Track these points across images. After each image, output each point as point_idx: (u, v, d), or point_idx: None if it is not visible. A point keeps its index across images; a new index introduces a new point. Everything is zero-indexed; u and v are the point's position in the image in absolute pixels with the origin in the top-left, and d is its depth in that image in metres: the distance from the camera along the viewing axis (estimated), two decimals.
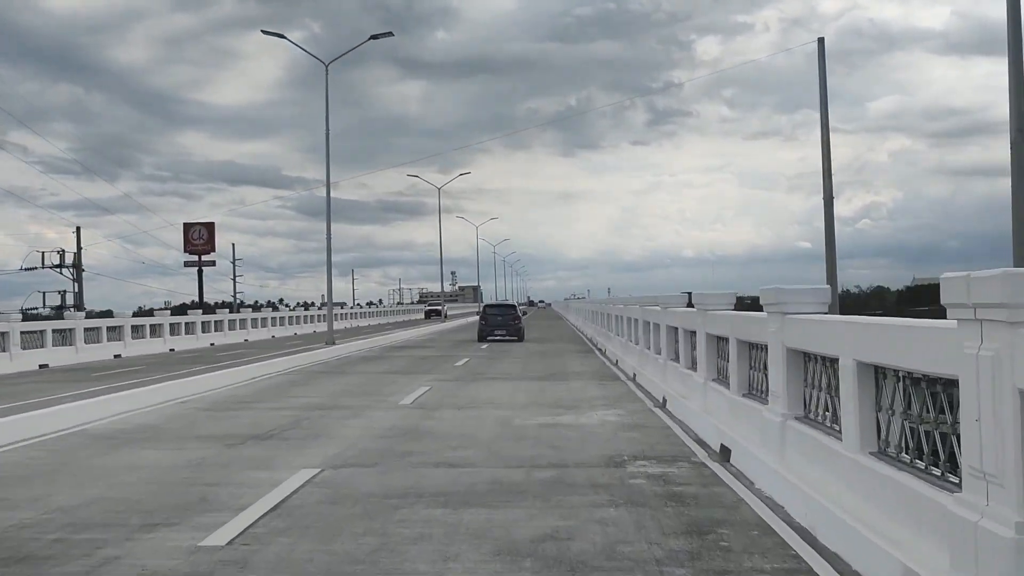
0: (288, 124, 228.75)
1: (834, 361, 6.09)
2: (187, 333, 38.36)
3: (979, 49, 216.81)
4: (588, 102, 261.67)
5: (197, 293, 66.69)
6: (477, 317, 43.18)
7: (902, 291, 75.66)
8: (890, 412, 5.27)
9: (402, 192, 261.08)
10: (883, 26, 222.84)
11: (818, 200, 25.52)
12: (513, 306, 41.38)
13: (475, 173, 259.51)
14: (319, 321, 55.57)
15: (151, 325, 35.65)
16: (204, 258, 66.59)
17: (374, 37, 30.94)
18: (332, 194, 31.20)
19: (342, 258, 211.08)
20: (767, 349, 7.64)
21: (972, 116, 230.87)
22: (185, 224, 66.65)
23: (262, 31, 33.18)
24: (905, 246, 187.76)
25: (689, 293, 12.78)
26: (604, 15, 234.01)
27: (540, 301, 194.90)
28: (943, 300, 4.18)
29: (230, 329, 43.85)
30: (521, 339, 35.33)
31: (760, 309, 7.96)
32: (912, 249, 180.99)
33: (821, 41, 24.16)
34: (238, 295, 77.29)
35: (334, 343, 29.85)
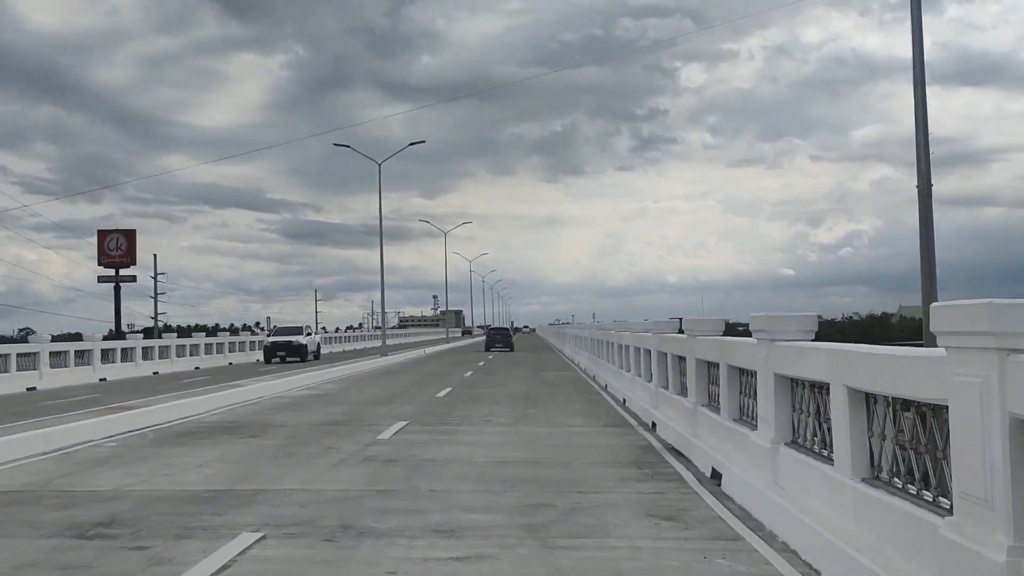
0: (272, 147, 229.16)
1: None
2: (124, 360, 33.36)
3: (961, 79, 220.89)
4: (573, 128, 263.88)
5: (114, 316, 54.39)
6: (424, 353, 49.00)
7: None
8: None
9: (386, 216, 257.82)
10: (865, 56, 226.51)
11: (800, 227, 25.79)
12: (507, 329, 66.60)
13: (460, 197, 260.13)
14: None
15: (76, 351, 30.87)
16: (123, 272, 54.76)
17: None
18: (315, 217, 32.11)
19: (325, 281, 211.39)
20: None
21: (954, 145, 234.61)
22: (100, 232, 54.63)
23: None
24: (886, 274, 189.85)
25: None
26: (590, 41, 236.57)
27: (525, 326, 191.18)
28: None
29: (160, 358, 36.79)
30: (512, 349, 53.57)
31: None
32: (893, 277, 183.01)
33: None
34: (159, 316, 64.77)
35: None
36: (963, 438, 4.04)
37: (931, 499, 4.62)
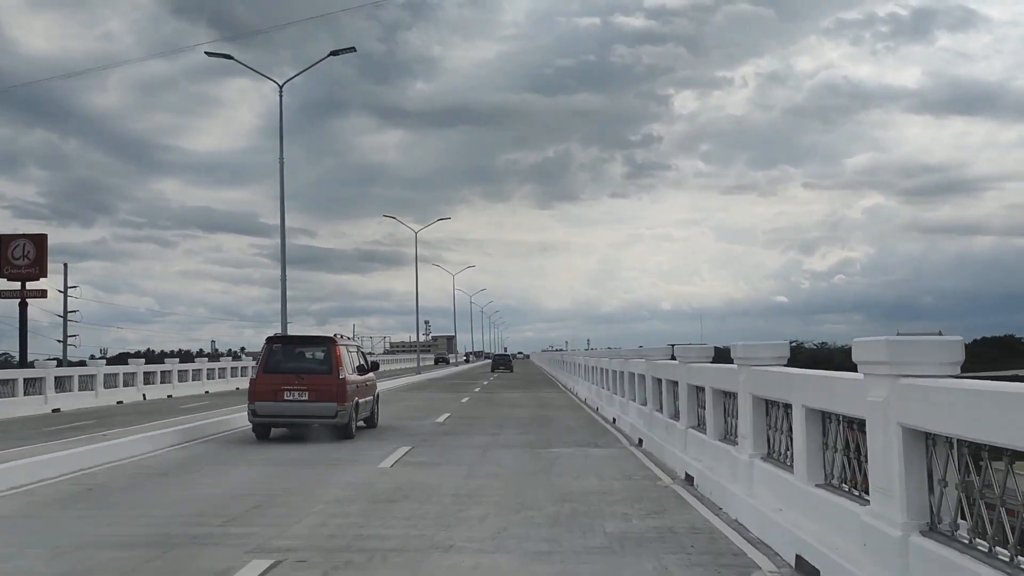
0: (265, 172, 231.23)
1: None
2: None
3: (953, 108, 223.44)
4: (567, 154, 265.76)
5: (19, 339, 43.82)
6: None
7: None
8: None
9: (380, 241, 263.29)
10: (857, 84, 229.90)
11: (794, 255, 26.72)
12: (509, 355, 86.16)
13: (454, 223, 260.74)
14: (225, 377, 42.14)
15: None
16: (30, 286, 44.45)
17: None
18: (309, 242, 28.85)
19: (319, 307, 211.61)
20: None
21: (946, 174, 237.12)
22: (3, 237, 44.65)
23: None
24: (879, 301, 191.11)
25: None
26: (585, 67, 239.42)
27: (519, 353, 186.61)
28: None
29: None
30: (512, 371, 66.58)
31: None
32: (886, 305, 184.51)
33: None
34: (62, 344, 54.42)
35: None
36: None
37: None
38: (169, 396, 35.59)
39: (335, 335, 17.18)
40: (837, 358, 61.05)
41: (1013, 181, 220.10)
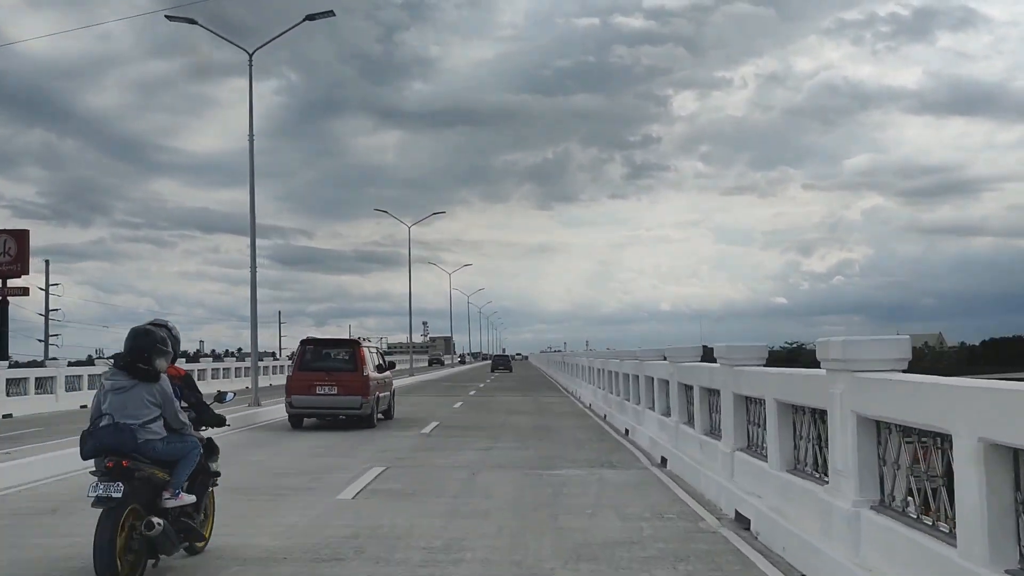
0: (263, 173, 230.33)
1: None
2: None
3: (953, 109, 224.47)
4: (566, 155, 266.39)
5: None
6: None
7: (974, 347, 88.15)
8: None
9: (378, 242, 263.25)
10: (857, 85, 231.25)
11: (792, 256, 26.70)
12: (508, 356, 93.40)
13: (452, 224, 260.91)
14: (206, 379, 38.51)
15: None
16: (12, 283, 42.88)
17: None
18: (307, 243, 28.50)
19: (317, 308, 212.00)
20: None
21: (945, 175, 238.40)
22: None
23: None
24: (878, 303, 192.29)
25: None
26: (583, 68, 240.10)
27: (517, 354, 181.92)
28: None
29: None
30: (511, 371, 70.84)
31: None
32: (885, 306, 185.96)
33: None
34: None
35: None
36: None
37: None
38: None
39: (359, 338, 20.07)
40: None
41: (1012, 182, 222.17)
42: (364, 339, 20.94)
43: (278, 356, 71.77)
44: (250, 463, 12.71)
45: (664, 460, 12.24)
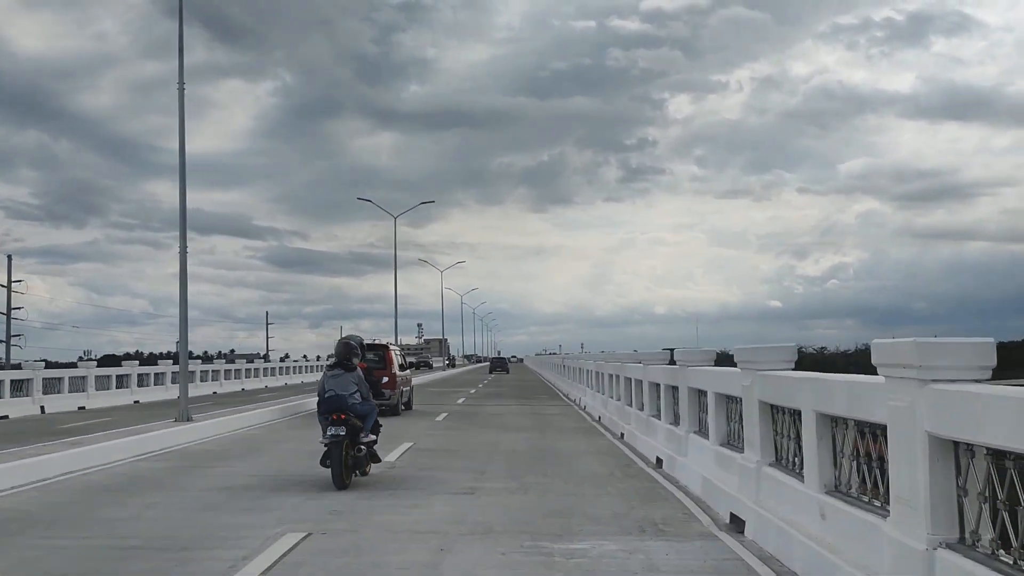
0: (259, 174, 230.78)
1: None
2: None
3: (947, 113, 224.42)
4: (562, 157, 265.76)
5: None
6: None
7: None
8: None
9: (373, 244, 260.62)
10: (852, 89, 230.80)
11: (787, 259, 26.25)
12: (505, 358, 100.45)
13: (447, 226, 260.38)
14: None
15: None
16: None
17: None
18: (302, 245, 31.47)
19: (312, 310, 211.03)
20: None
21: (939, 179, 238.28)
22: None
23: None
24: (872, 307, 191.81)
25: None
26: (579, 71, 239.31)
27: (513, 356, 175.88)
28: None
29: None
30: (508, 372, 75.93)
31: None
32: (879, 310, 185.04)
33: None
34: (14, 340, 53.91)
35: None
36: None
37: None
38: (137, 401, 32.62)
39: (387, 342, 24.72)
40: (840, 363, 60.88)
41: (1006, 186, 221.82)
42: (389, 342, 25.64)
43: (268, 358, 70.86)
44: (97, 522, 8.58)
45: (736, 519, 8.23)
